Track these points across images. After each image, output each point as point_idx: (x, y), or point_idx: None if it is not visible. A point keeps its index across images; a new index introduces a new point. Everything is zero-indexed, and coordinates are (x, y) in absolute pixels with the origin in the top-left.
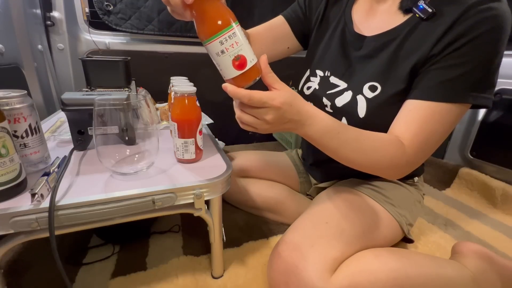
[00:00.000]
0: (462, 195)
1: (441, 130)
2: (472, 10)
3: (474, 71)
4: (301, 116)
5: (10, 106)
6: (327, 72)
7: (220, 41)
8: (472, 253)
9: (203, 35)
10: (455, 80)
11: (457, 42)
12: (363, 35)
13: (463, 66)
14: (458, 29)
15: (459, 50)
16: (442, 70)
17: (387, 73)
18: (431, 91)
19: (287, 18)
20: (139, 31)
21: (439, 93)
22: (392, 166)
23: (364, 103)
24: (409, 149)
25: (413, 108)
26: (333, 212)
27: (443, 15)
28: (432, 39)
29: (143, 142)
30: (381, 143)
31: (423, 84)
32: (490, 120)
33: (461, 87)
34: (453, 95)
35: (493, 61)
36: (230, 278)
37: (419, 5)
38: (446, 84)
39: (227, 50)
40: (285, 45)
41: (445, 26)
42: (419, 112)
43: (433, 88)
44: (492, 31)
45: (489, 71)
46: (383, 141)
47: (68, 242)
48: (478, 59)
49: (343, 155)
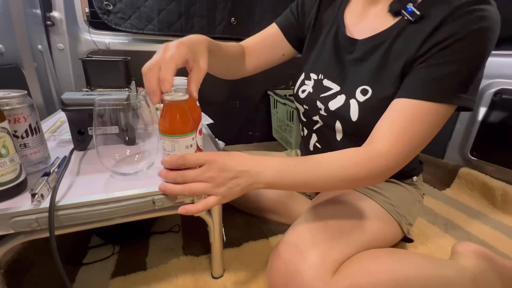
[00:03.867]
0: (462, 195)
1: (425, 131)
2: (460, 11)
3: (460, 71)
4: (248, 165)
5: (10, 106)
6: (320, 76)
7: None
8: (472, 253)
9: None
10: (441, 79)
11: (444, 42)
12: (355, 38)
13: (449, 65)
14: (445, 29)
15: (446, 50)
16: (428, 69)
17: (378, 76)
18: (416, 89)
19: (280, 26)
20: (139, 31)
21: (424, 91)
22: (370, 175)
23: (356, 106)
24: (390, 152)
25: (398, 107)
26: (333, 213)
27: (431, 17)
28: (419, 40)
29: (143, 142)
30: (348, 160)
31: (408, 83)
32: (490, 120)
33: (447, 86)
34: (439, 94)
35: (479, 62)
36: (230, 278)
37: (408, 7)
38: (432, 83)
39: None
40: (280, 53)
41: (432, 26)
42: (403, 111)
43: (418, 86)
44: (479, 32)
45: (475, 71)
46: (349, 156)
47: (68, 242)
48: (464, 59)
49: (315, 184)
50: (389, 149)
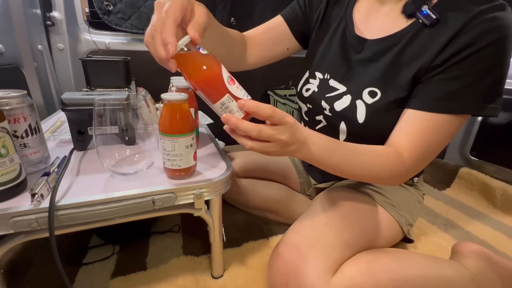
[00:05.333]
0: (462, 195)
1: (442, 140)
2: (476, 20)
3: (479, 83)
4: (304, 136)
5: (10, 106)
6: (326, 75)
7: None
8: (472, 253)
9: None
10: (459, 92)
11: (461, 53)
12: (364, 37)
13: (467, 77)
14: (462, 39)
15: (463, 62)
16: (445, 81)
17: (388, 79)
18: (434, 102)
19: (286, 19)
20: (139, 31)
21: (442, 105)
22: (392, 177)
23: (364, 108)
24: (409, 160)
25: (415, 120)
26: (333, 213)
27: (447, 23)
28: (435, 47)
29: (143, 142)
30: (379, 158)
31: (425, 94)
32: (490, 120)
33: (465, 98)
34: (457, 107)
35: (499, 72)
36: (230, 278)
37: (423, 10)
38: (450, 96)
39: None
40: (284, 46)
41: (449, 35)
42: (421, 124)
43: (436, 99)
44: (497, 42)
45: (497, 80)
46: (381, 155)
47: (68, 242)
48: (482, 71)
49: (344, 170)
50: (408, 157)
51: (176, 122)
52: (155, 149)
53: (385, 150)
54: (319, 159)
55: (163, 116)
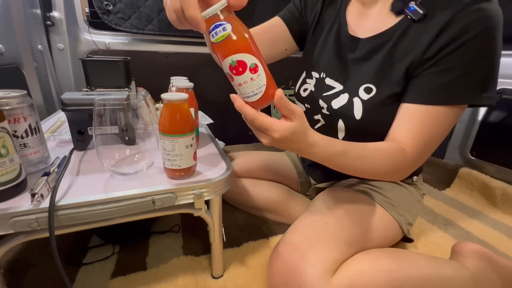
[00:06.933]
0: (462, 195)
1: (441, 132)
2: (463, 12)
3: (471, 73)
4: (302, 144)
5: (10, 106)
6: (322, 74)
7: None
8: (472, 253)
9: None
10: (452, 83)
11: (450, 45)
12: (357, 37)
13: (458, 69)
14: (450, 32)
15: (453, 54)
16: (438, 74)
17: (382, 75)
18: (429, 95)
19: (284, 19)
20: (139, 31)
21: (437, 97)
22: (395, 172)
23: (360, 105)
24: (411, 154)
25: (413, 114)
26: (333, 213)
27: (434, 17)
28: (424, 42)
29: (143, 142)
30: (384, 155)
31: (420, 87)
32: (490, 120)
33: (459, 89)
34: (452, 98)
35: (490, 61)
36: (230, 278)
37: (410, 6)
38: (444, 88)
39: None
40: (283, 47)
41: (437, 29)
42: (419, 118)
43: (431, 92)
44: (483, 33)
45: (487, 71)
46: (386, 152)
47: (68, 242)
48: (473, 62)
49: (349, 171)
50: (410, 152)
51: (176, 122)
52: (155, 149)
53: (390, 147)
54: (323, 162)
55: (163, 116)
